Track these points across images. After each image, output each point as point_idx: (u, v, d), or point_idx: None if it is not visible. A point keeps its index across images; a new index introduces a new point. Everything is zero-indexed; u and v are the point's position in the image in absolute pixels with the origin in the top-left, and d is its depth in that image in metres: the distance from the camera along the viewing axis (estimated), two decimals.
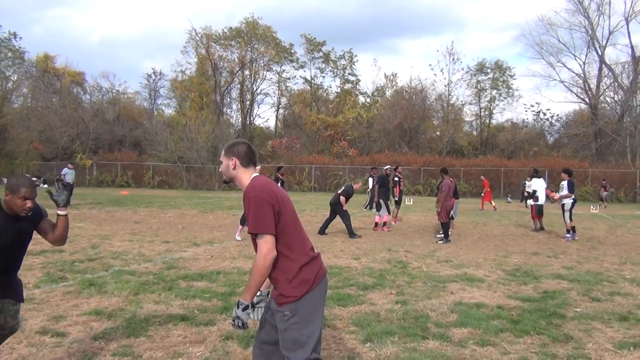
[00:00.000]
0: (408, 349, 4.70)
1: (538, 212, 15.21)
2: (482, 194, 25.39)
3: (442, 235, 12.43)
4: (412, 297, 6.61)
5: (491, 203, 24.38)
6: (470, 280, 7.72)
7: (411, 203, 26.58)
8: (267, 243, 2.85)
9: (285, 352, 2.94)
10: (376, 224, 14.65)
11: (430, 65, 67.59)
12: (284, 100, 61.11)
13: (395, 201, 16.27)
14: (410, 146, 50.27)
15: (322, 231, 13.23)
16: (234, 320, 2.92)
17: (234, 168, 3.08)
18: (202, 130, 45.76)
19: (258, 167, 3.36)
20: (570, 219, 13.10)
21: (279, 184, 14.17)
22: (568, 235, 12.94)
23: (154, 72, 62.03)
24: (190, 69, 56.61)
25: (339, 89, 59.98)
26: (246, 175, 3.07)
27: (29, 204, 3.49)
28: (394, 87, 59.36)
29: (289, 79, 59.68)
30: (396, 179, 16.17)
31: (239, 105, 58.05)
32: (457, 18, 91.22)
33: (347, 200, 13.41)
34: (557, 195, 13.72)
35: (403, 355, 4.54)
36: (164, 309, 5.85)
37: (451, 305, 6.22)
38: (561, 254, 10.57)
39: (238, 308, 2.90)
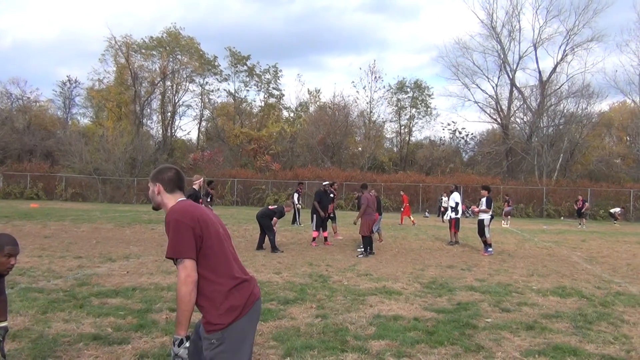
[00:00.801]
0: None
1: (457, 225, 15.83)
2: (402, 209, 26.05)
3: (364, 250, 12.66)
4: (332, 311, 6.66)
5: (410, 218, 25.06)
6: (388, 293, 7.89)
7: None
8: (185, 268, 2.74)
9: None
10: (325, 238, 14.90)
11: (353, 82, 68.46)
12: (206, 112, 60.35)
13: (331, 217, 16.42)
14: (333, 161, 50.92)
15: (259, 247, 13.16)
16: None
17: (158, 194, 3.00)
18: (120, 142, 44.28)
19: (200, 180, 3.32)
20: (489, 234, 13.75)
21: (209, 199, 14.02)
22: (490, 250, 13.52)
23: (69, 80, 59.52)
24: (108, 78, 54.77)
25: (263, 103, 60.03)
26: (171, 201, 2.98)
27: (13, 261, 3.51)
28: (318, 103, 60.16)
29: (212, 91, 59.09)
30: (331, 195, 16.37)
31: (160, 116, 56.76)
32: (380, 38, 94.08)
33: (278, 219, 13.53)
34: (477, 209, 14.34)
35: None
36: (74, 328, 5.57)
37: (370, 318, 6.33)
38: (474, 267, 11.01)
39: (174, 345, 2.75)
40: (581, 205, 27.83)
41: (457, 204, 15.97)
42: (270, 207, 13.88)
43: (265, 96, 60.16)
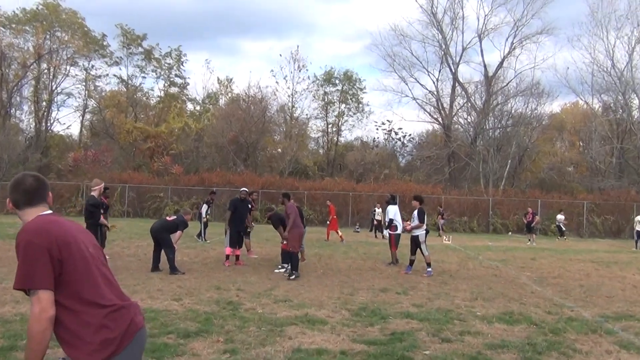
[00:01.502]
0: None
1: (397, 242, 16.06)
2: (328, 222, 26.21)
3: (286, 269, 12.65)
4: (243, 345, 6.58)
5: (337, 233, 25.28)
6: (311, 322, 7.89)
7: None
8: (39, 301, 2.61)
9: None
10: (237, 257, 14.72)
11: (272, 71, 68.59)
12: (92, 103, 58.50)
13: (247, 232, 16.25)
14: (247, 164, 50.75)
15: (154, 268, 12.80)
16: None
17: (17, 207, 2.89)
18: None
19: (100, 186, 3.17)
20: (427, 251, 14.11)
21: (104, 210, 13.59)
22: (430, 270, 13.83)
23: None
24: None
25: (162, 92, 58.94)
26: (30, 216, 2.87)
27: None
28: (230, 95, 59.90)
29: (99, 77, 57.37)
30: (249, 206, 16.21)
31: (33, 106, 54.50)
32: (306, 21, 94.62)
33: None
34: (409, 226, 14.66)
35: None
36: None
37: (288, 353, 6.30)
38: (411, 290, 11.23)
39: None
40: (531, 218, 29.08)
41: (391, 220, 16.24)
42: (168, 218, 13.62)
43: (166, 85, 59.25)
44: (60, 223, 2.86)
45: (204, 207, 22.02)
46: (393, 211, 16.38)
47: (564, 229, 33.75)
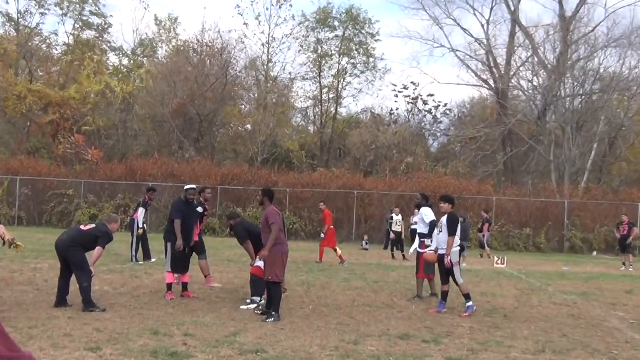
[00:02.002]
0: None
1: (427, 267, 15.93)
2: (322, 235, 26.16)
3: (257, 304, 12.68)
4: None
5: (335, 250, 25.29)
6: None
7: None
8: None
9: None
10: (168, 286, 14.71)
11: (238, 7, 67.81)
12: None
13: (195, 248, 16.27)
14: (199, 148, 50.68)
15: (60, 302, 12.80)
16: None
17: None
18: None
19: None
20: (461, 278, 14.11)
21: None
22: (471, 304, 13.85)
23: None
24: None
25: (71, 38, 58.72)
26: None
27: None
28: (174, 42, 59.69)
29: None
30: (200, 209, 16.21)
31: None
32: None
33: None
34: (429, 256, 14.70)
35: None
36: None
37: None
38: (445, 337, 11.28)
39: None
40: (626, 231, 28.98)
41: (433, 222, 15.98)
42: (82, 227, 13.56)
43: (77, 26, 58.98)
44: None
45: (140, 212, 21.96)
46: (427, 218, 16.12)
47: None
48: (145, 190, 23.42)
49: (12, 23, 57.69)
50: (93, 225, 13.66)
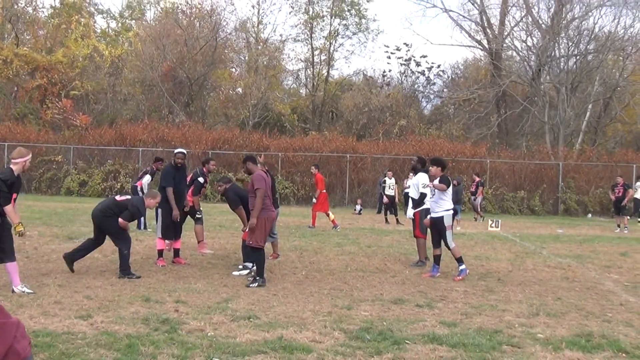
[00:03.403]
0: None
1: (423, 227, 15.90)
2: (314, 200, 26.19)
3: (250, 269, 12.70)
4: None
5: (328, 215, 25.33)
6: (288, 349, 7.96)
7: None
8: None
9: None
10: (176, 251, 14.92)
11: None
12: None
13: (195, 217, 16.45)
14: (189, 112, 50.58)
15: (71, 261, 12.87)
16: None
17: None
18: None
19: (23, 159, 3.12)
20: (453, 241, 14.14)
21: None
22: (464, 267, 13.89)
23: None
24: None
25: (57, 1, 58.35)
26: None
27: None
28: (162, 5, 59.40)
29: None
30: (201, 179, 16.27)
31: None
32: None
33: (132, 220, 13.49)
34: (431, 185, 14.64)
35: None
36: None
37: None
38: (439, 301, 11.33)
39: None
40: (621, 193, 29.09)
41: (422, 195, 15.98)
42: (117, 198, 13.53)
43: None
44: None
45: (146, 179, 21.92)
46: (423, 180, 16.03)
47: None
48: (154, 159, 23.27)
49: None
50: (128, 197, 13.75)
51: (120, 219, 12.91)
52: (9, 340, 2.80)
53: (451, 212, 14.26)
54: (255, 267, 12.69)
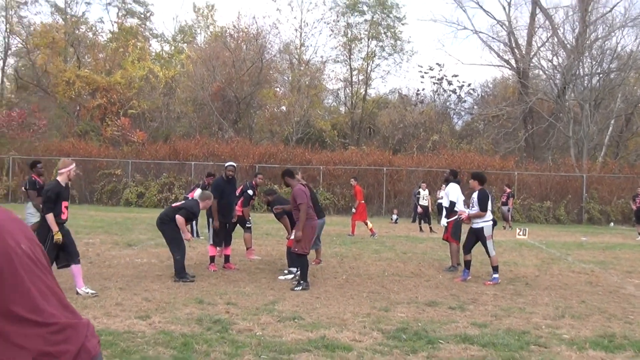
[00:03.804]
0: None
1: (455, 234, 15.93)
2: (353, 210, 26.20)
3: (294, 274, 12.79)
4: None
5: (366, 224, 25.32)
6: (330, 348, 8.01)
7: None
8: None
9: None
10: (211, 258, 14.99)
11: None
12: (16, 42, 58.64)
13: (245, 226, 16.65)
14: (238, 129, 50.77)
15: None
16: None
17: None
18: None
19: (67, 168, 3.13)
20: (494, 250, 14.16)
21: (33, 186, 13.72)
22: (496, 276, 13.91)
23: None
24: None
25: (116, 26, 58.91)
26: None
27: None
28: (212, 29, 59.73)
29: (25, 3, 57.39)
30: (250, 192, 16.47)
31: None
32: None
33: (187, 222, 13.56)
34: (465, 214, 14.72)
35: None
36: None
37: None
38: (471, 304, 11.33)
39: None
40: None
41: (452, 203, 16.03)
42: (174, 205, 13.71)
43: (121, 15, 59.22)
44: None
45: (197, 192, 22.06)
46: (456, 193, 16.10)
47: None
48: (206, 174, 23.38)
49: (60, 13, 57.87)
50: (183, 202, 13.92)
51: (177, 216, 13.08)
52: (81, 339, 2.81)
53: (491, 222, 14.28)
54: (299, 272, 12.74)
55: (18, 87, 58.19)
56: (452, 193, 16.07)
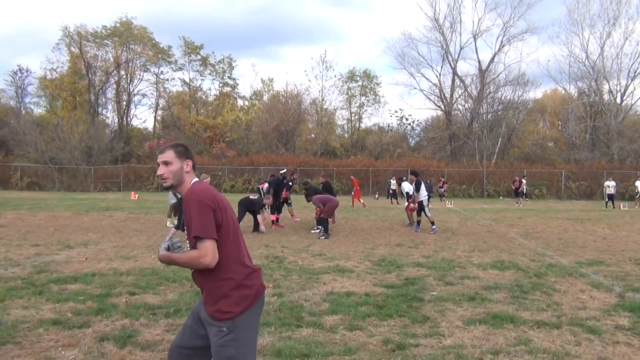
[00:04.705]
0: (283, 338, 4.77)
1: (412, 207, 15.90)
2: (353, 192, 26.24)
3: (320, 230, 12.80)
4: (287, 290, 6.70)
5: (360, 200, 25.29)
6: (341, 271, 7.98)
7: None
8: (203, 248, 2.59)
9: None
10: (272, 221, 14.91)
11: (305, 71, 68.12)
12: (162, 101, 59.02)
13: (288, 203, 16.75)
14: (286, 147, 50.79)
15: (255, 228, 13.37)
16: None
17: (187, 171, 2.82)
18: (76, 131, 42.93)
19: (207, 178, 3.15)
20: (430, 213, 14.08)
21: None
22: (434, 227, 13.82)
23: (20, 69, 56.30)
24: (62, 67, 52.81)
25: (218, 91, 59.18)
26: (189, 180, 2.82)
27: None
28: (271, 91, 59.75)
29: (167, 80, 57.80)
30: (290, 183, 16.86)
31: (115, 105, 55.13)
32: (336, 30, 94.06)
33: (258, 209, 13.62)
34: (410, 206, 14.74)
35: (279, 344, 4.60)
36: (34, 314, 5.41)
37: (324, 295, 6.40)
38: (421, 245, 11.26)
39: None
40: (517, 185, 28.85)
41: (407, 193, 16.26)
42: (251, 196, 13.78)
43: (220, 85, 59.43)
44: (216, 191, 2.81)
45: (266, 185, 21.95)
46: (410, 186, 15.72)
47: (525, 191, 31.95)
48: (270, 175, 22.71)
49: (187, 85, 58.16)
50: (255, 196, 14.03)
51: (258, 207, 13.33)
52: (260, 279, 2.78)
53: (426, 197, 14.22)
54: (322, 228, 12.71)
55: (163, 127, 58.44)
56: (409, 186, 16.25)
